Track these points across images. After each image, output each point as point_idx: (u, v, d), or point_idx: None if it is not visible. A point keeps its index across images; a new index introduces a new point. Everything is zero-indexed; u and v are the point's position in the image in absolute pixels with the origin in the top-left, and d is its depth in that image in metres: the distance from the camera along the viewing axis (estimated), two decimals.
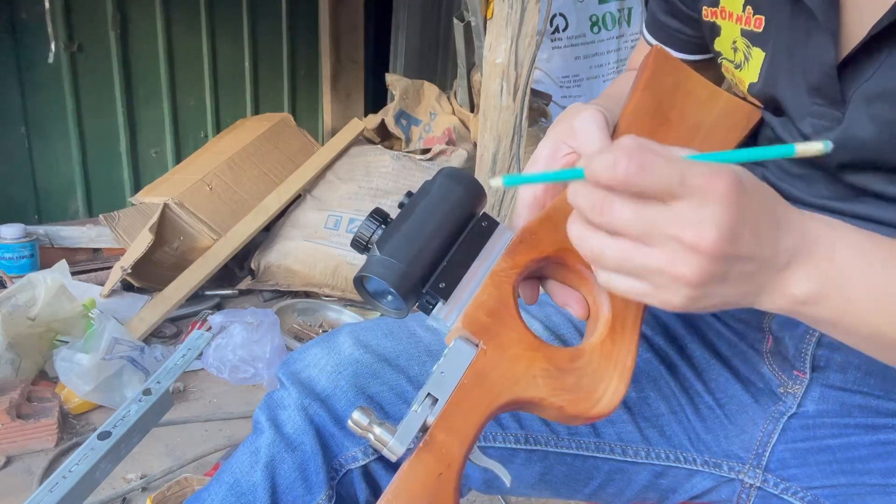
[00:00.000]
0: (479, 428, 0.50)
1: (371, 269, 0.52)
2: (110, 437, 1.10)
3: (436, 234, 0.54)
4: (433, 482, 0.48)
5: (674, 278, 0.44)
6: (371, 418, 0.49)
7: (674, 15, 0.78)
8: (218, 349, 1.89)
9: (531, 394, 0.50)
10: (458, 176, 0.57)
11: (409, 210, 0.54)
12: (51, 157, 2.78)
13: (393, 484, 0.48)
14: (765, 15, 0.65)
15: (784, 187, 0.67)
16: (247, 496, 0.64)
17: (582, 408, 0.50)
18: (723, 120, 0.66)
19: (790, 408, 0.71)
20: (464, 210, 0.55)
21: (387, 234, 0.53)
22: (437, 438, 0.49)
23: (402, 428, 0.49)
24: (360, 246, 0.54)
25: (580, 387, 0.51)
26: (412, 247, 0.52)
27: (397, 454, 0.48)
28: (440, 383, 0.50)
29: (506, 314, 0.52)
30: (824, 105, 0.60)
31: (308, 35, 3.54)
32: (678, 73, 0.67)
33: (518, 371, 0.51)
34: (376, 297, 0.55)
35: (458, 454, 0.49)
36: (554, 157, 0.59)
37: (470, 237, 0.55)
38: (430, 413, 0.49)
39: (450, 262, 0.54)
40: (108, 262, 2.41)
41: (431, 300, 0.53)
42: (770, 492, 0.71)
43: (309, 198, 2.58)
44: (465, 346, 0.52)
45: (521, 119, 1.98)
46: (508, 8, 1.90)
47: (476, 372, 0.51)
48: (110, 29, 2.78)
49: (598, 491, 0.76)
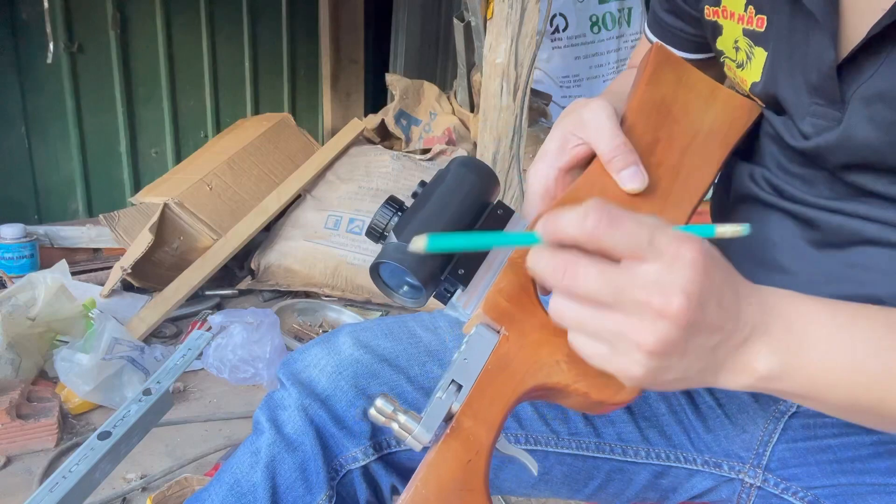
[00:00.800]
0: (506, 414, 0.49)
1: (389, 255, 0.51)
2: (110, 437, 1.10)
3: (453, 220, 0.53)
4: (462, 469, 0.47)
5: (636, 345, 0.42)
6: (395, 406, 0.48)
7: (676, 13, 0.78)
8: (218, 349, 1.89)
9: (556, 379, 0.49)
10: (472, 164, 0.56)
11: (425, 197, 0.54)
12: (51, 157, 2.78)
13: (420, 471, 0.47)
14: (766, 15, 0.65)
15: (785, 187, 0.67)
16: (247, 496, 0.64)
17: (607, 394, 0.49)
18: (724, 115, 0.66)
19: (790, 407, 0.71)
20: (479, 197, 0.55)
21: (403, 220, 0.53)
22: (463, 425, 0.48)
23: (427, 415, 0.48)
24: (376, 234, 0.53)
25: (604, 372, 0.49)
26: (431, 232, 0.52)
27: (423, 442, 0.47)
28: (464, 369, 0.49)
29: (526, 300, 0.52)
30: (824, 105, 0.60)
31: (308, 35, 3.54)
32: (679, 69, 0.67)
33: (542, 356, 0.50)
34: (393, 287, 0.54)
35: (485, 441, 0.48)
36: (563, 150, 0.59)
37: (487, 225, 0.55)
38: (456, 399, 0.48)
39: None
40: (108, 262, 2.41)
41: (450, 287, 0.53)
42: (770, 491, 0.71)
43: (309, 198, 2.58)
44: (486, 332, 0.51)
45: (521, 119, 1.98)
46: (508, 8, 1.90)
47: (499, 358, 0.50)
48: (110, 29, 2.78)
49: (598, 491, 0.76)
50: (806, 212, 0.64)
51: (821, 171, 0.64)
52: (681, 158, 0.61)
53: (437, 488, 0.46)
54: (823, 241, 0.64)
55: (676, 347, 0.43)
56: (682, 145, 0.62)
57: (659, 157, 0.61)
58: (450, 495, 0.46)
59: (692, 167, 0.62)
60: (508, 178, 2.03)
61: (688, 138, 0.63)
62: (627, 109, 0.63)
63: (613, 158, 0.57)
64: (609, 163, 0.57)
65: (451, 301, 0.53)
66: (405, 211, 0.53)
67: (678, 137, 0.63)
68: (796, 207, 0.65)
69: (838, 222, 0.62)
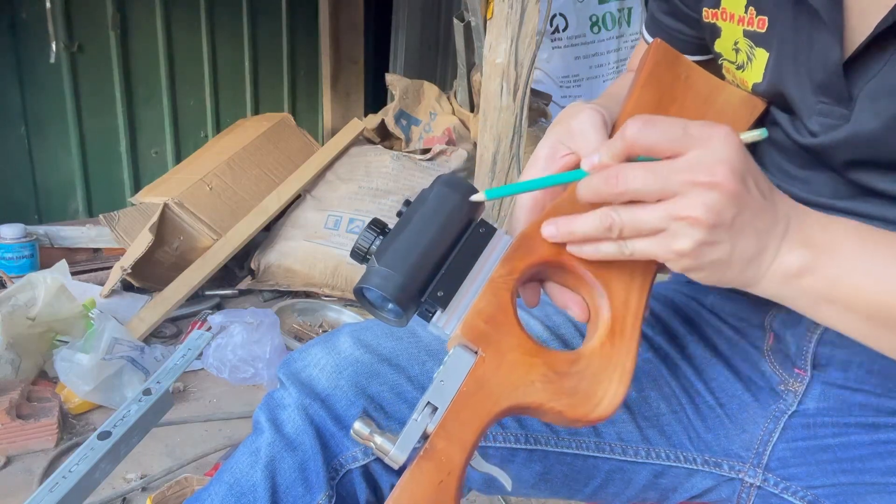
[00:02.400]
0: (479, 435, 0.50)
1: (370, 280, 0.53)
2: (110, 437, 1.10)
3: (433, 243, 0.54)
4: (434, 490, 0.48)
5: (687, 220, 0.46)
6: (372, 428, 0.50)
7: (674, 15, 0.78)
8: (218, 349, 1.89)
9: (530, 399, 0.51)
10: (454, 183, 0.57)
11: (407, 220, 0.55)
12: (51, 157, 2.78)
13: (394, 494, 0.48)
14: (768, 16, 0.65)
15: (785, 187, 0.67)
16: (247, 496, 0.64)
17: (581, 412, 0.51)
18: (725, 112, 0.66)
19: (790, 406, 0.71)
20: (461, 217, 0.55)
21: (385, 244, 0.54)
22: (437, 446, 0.49)
23: (402, 437, 0.50)
24: (360, 256, 0.55)
25: (579, 391, 0.51)
26: (410, 257, 0.53)
27: (399, 462, 0.49)
28: (440, 392, 0.51)
29: (504, 321, 0.53)
30: (831, 103, 0.60)
31: (308, 35, 3.54)
32: (679, 66, 0.67)
33: (517, 377, 0.51)
34: (377, 307, 0.56)
35: (458, 461, 0.49)
36: (552, 159, 0.59)
37: (468, 244, 0.55)
38: (430, 422, 0.50)
39: (448, 270, 0.54)
40: (108, 262, 2.41)
41: (430, 308, 0.54)
42: (770, 491, 0.71)
43: (309, 198, 2.58)
44: (464, 353, 0.52)
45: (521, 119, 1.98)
46: (508, 8, 1.90)
47: (475, 379, 0.51)
48: (110, 29, 2.78)
49: (598, 491, 0.76)
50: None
51: (823, 171, 0.64)
52: None
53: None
54: None
55: (724, 216, 0.46)
56: None
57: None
58: None
59: None
60: (508, 179, 2.02)
61: None
62: (623, 111, 0.63)
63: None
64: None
65: (433, 321, 0.54)
66: (387, 233, 0.55)
67: None
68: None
69: None
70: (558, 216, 0.54)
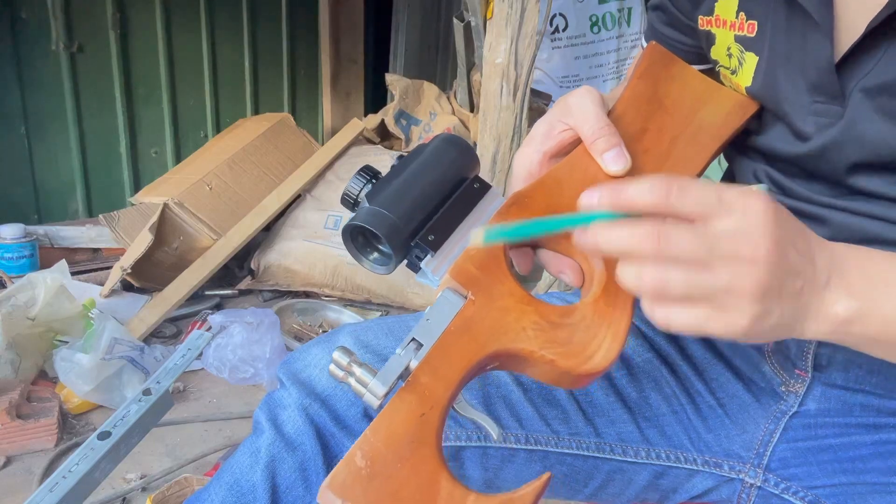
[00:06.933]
0: (465, 374, 0.48)
1: (361, 218, 0.51)
2: (110, 437, 1.10)
3: (427, 189, 0.53)
4: (415, 421, 0.46)
5: (740, 294, 0.43)
6: (352, 358, 0.48)
7: (673, 25, 0.79)
8: (218, 349, 1.89)
9: (521, 345, 0.49)
10: (452, 140, 0.57)
11: (402, 167, 0.54)
12: (51, 157, 2.77)
13: (374, 422, 0.46)
14: (758, 20, 0.66)
15: (789, 185, 0.67)
16: (247, 496, 0.64)
17: (573, 362, 0.48)
18: (717, 111, 0.67)
19: (791, 406, 0.71)
20: (456, 171, 0.55)
21: (377, 188, 0.53)
22: (420, 380, 0.47)
23: (384, 369, 0.47)
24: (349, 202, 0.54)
25: (572, 341, 0.49)
26: (403, 199, 0.52)
27: (378, 395, 0.47)
28: (426, 329, 0.49)
29: (496, 268, 0.51)
30: (825, 102, 0.61)
31: (308, 35, 3.54)
32: (674, 67, 0.68)
33: (508, 322, 0.49)
34: (363, 252, 0.54)
35: (441, 396, 0.47)
36: (549, 135, 0.59)
37: (462, 197, 0.55)
38: (414, 357, 0.48)
39: (440, 217, 0.54)
40: (108, 262, 2.41)
41: (420, 253, 0.53)
42: (771, 491, 0.71)
43: (309, 198, 2.58)
44: (453, 296, 0.51)
45: (521, 119, 1.98)
46: (508, 8, 1.90)
47: (464, 320, 0.49)
48: (110, 29, 2.78)
49: (598, 491, 0.75)
50: (812, 209, 0.65)
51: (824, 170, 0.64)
52: (670, 148, 0.62)
53: (386, 437, 0.45)
54: (832, 238, 0.64)
55: (773, 290, 0.44)
56: (672, 136, 0.62)
57: (646, 144, 0.61)
58: (400, 446, 0.45)
59: (682, 157, 0.62)
60: (508, 179, 2.02)
61: (678, 129, 0.63)
62: (618, 100, 0.63)
63: (596, 140, 0.57)
64: (592, 145, 0.57)
65: (422, 267, 0.53)
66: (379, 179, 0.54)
67: (668, 128, 0.63)
68: (802, 205, 0.65)
69: (845, 220, 0.63)
70: (550, 180, 0.54)
